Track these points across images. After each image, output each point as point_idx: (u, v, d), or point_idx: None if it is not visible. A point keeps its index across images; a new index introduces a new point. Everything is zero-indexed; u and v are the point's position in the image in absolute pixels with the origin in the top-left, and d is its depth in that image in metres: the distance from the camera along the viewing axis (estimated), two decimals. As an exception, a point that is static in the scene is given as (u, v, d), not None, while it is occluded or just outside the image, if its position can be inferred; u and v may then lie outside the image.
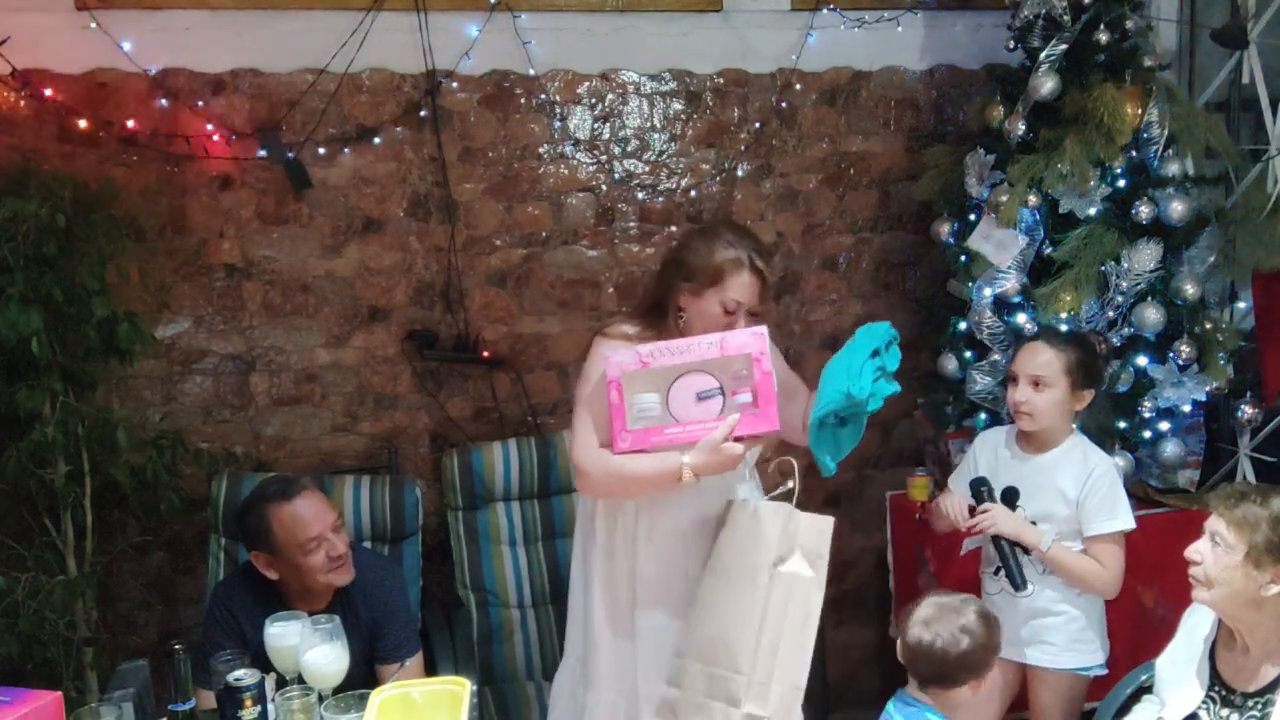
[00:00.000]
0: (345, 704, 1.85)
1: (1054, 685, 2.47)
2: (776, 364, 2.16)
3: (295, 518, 2.28)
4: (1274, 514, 1.91)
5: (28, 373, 2.67)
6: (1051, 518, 2.41)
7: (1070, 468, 2.42)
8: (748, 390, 2.02)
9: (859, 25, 3.34)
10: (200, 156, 3.03)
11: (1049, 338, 2.48)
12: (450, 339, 3.25)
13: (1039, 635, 2.45)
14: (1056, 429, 2.45)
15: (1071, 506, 2.40)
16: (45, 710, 1.61)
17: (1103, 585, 2.40)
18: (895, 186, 3.48)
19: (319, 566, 2.28)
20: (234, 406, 3.17)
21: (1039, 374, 2.41)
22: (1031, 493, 2.44)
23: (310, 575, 2.29)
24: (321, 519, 2.30)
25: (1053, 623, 2.44)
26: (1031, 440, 2.48)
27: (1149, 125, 2.88)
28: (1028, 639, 2.45)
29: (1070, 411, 2.45)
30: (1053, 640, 2.45)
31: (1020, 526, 2.39)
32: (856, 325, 3.42)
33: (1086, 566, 2.39)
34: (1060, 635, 2.44)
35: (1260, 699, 1.95)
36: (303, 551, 2.27)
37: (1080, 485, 2.39)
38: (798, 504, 2.08)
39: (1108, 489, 2.39)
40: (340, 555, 2.31)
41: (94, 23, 2.90)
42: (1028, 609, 2.43)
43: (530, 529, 3.13)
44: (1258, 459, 3.10)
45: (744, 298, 2.13)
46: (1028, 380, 2.42)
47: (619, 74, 3.28)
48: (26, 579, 2.66)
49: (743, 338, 2.04)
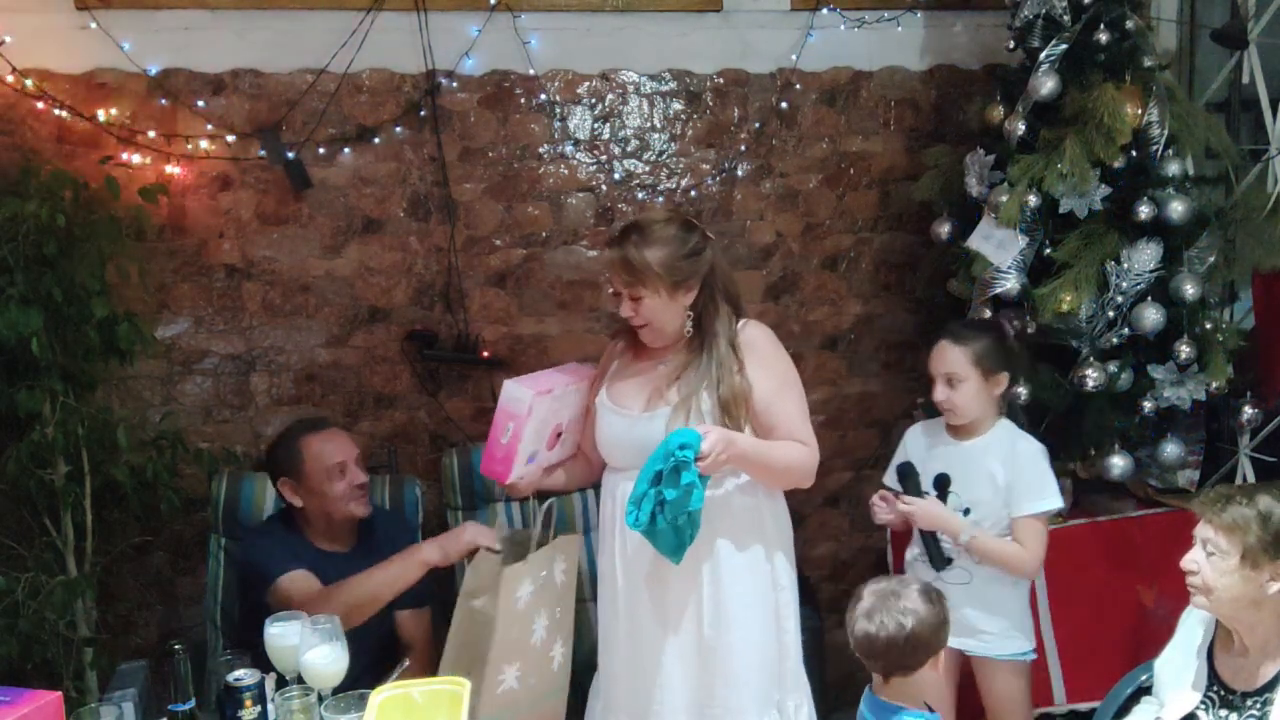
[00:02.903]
0: (345, 704, 1.85)
1: (1003, 671, 2.53)
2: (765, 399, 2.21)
3: (323, 446, 2.50)
4: (1262, 512, 1.91)
5: (28, 373, 2.67)
6: (981, 502, 2.48)
7: (999, 452, 2.50)
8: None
9: (859, 25, 3.34)
10: (200, 156, 3.03)
11: (952, 335, 2.55)
12: (450, 339, 3.25)
13: (977, 624, 2.51)
14: (981, 417, 2.53)
15: (1001, 490, 2.47)
16: (45, 710, 1.61)
17: (1023, 565, 2.47)
18: (895, 186, 3.48)
19: (342, 494, 2.49)
20: (234, 406, 3.17)
21: (950, 371, 2.49)
22: (962, 478, 2.51)
23: (333, 502, 2.49)
24: (345, 450, 2.52)
25: (987, 612, 2.51)
26: (959, 429, 2.56)
27: (1149, 125, 2.88)
28: (966, 630, 2.49)
29: (990, 398, 2.53)
30: (990, 629, 2.51)
31: (941, 519, 2.46)
32: (856, 325, 3.52)
33: (1006, 550, 2.46)
34: (997, 623, 2.51)
35: (1259, 698, 1.95)
36: (328, 477, 2.48)
37: (1009, 468, 2.47)
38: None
39: (1035, 471, 2.48)
40: (361, 484, 2.52)
41: (94, 23, 2.90)
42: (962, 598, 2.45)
43: (530, 529, 3.12)
44: (1258, 459, 3.10)
45: (614, 281, 2.22)
46: (942, 379, 2.50)
47: (619, 74, 3.28)
48: (26, 579, 2.65)
49: (515, 392, 2.19)
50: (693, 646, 2.21)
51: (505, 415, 2.19)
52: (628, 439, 2.22)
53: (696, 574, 2.19)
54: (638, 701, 2.25)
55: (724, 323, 2.22)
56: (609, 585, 2.30)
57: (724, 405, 2.15)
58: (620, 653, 2.29)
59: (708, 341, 2.20)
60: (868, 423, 3.59)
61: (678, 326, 2.21)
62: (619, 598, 2.27)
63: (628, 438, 2.22)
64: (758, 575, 2.24)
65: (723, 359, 2.17)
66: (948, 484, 2.52)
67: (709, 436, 2.01)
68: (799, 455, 2.22)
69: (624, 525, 2.13)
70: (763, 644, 2.24)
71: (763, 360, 2.22)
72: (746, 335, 2.24)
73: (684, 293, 2.19)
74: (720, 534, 2.20)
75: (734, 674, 2.20)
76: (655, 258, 2.14)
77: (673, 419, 2.14)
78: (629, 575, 2.24)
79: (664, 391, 2.20)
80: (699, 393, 2.15)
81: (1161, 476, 3.05)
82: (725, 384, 2.15)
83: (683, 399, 2.16)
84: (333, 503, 2.50)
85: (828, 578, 3.60)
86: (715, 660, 2.20)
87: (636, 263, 2.14)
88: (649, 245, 2.15)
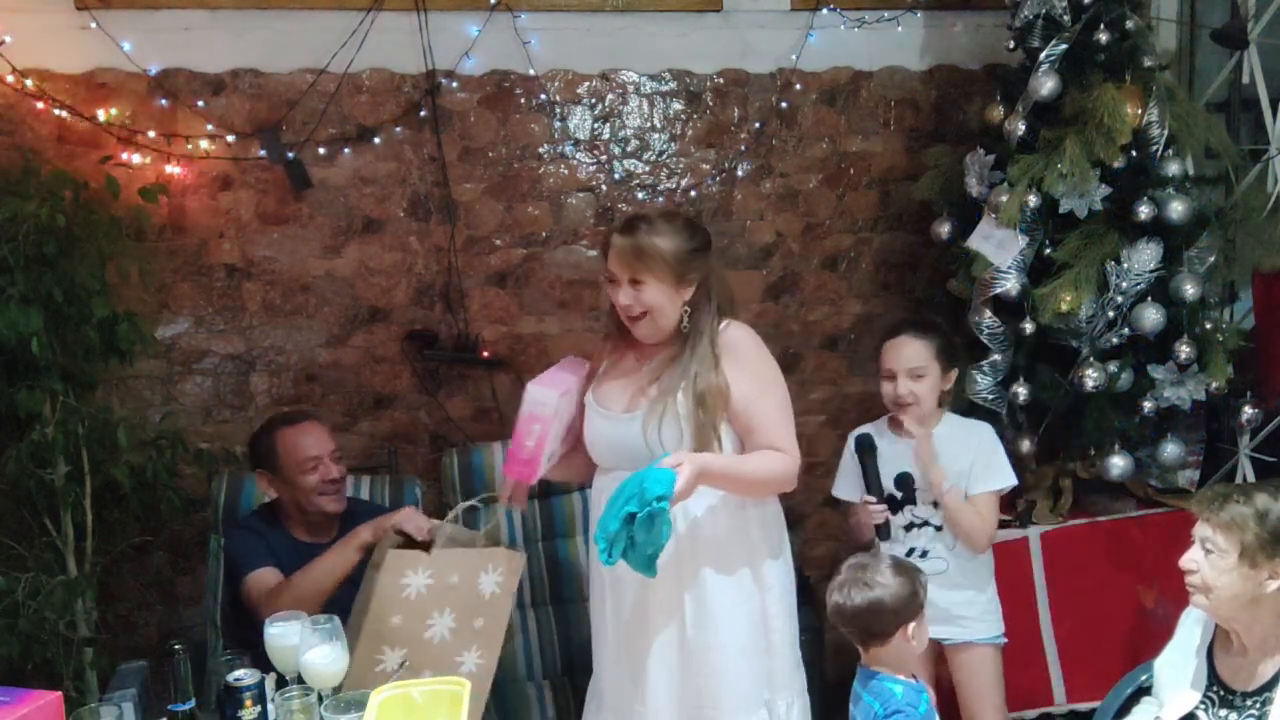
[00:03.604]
0: (345, 704, 1.85)
1: (978, 657, 2.55)
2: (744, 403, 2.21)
3: (298, 439, 2.50)
4: (1259, 510, 1.91)
5: (28, 373, 2.67)
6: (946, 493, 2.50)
7: (957, 439, 2.53)
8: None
9: (859, 25, 3.34)
10: (200, 156, 3.03)
11: (912, 329, 2.56)
12: (450, 339, 3.25)
13: (953, 611, 2.52)
14: (931, 412, 2.55)
15: (963, 475, 2.51)
16: (45, 710, 1.61)
17: (982, 534, 2.51)
18: (895, 186, 3.48)
19: (313, 487, 2.49)
20: (234, 407, 3.17)
21: (915, 365, 2.50)
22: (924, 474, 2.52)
23: (305, 495, 2.50)
24: (320, 444, 2.52)
25: (965, 597, 2.53)
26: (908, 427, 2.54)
27: (1149, 125, 2.88)
28: (942, 618, 2.48)
29: (939, 393, 2.55)
30: (966, 614, 2.54)
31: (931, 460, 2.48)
32: (856, 325, 3.52)
33: (972, 516, 2.49)
34: (972, 609, 2.54)
35: (1258, 698, 1.95)
36: (300, 470, 2.48)
37: (969, 451, 2.52)
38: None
39: (992, 452, 2.55)
40: (334, 480, 2.52)
41: (94, 23, 2.90)
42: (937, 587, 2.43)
43: (530, 529, 3.12)
44: (1258, 459, 3.10)
45: (613, 268, 2.20)
46: (905, 374, 2.50)
47: (619, 74, 3.28)
48: (26, 579, 2.65)
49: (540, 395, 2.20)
50: (676, 647, 2.22)
51: (531, 419, 2.19)
52: (609, 439, 2.25)
53: (679, 576, 2.20)
54: (625, 701, 2.26)
55: (709, 323, 2.24)
56: (597, 587, 2.33)
57: (699, 399, 2.16)
58: (609, 653, 2.31)
59: (691, 340, 2.21)
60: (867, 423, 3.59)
61: (674, 321, 2.22)
62: (606, 599, 2.29)
63: (609, 438, 2.25)
64: (741, 577, 2.25)
65: (702, 357, 2.19)
66: (911, 482, 2.54)
67: (681, 473, 2.01)
68: (775, 465, 2.20)
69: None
70: (749, 644, 2.24)
71: (743, 361, 2.22)
72: (728, 336, 2.24)
73: (685, 287, 2.20)
74: (702, 540, 2.21)
75: (719, 673, 2.21)
76: (666, 246, 2.17)
77: (647, 418, 2.16)
78: (615, 577, 2.24)
79: (645, 390, 2.22)
80: (675, 393, 2.17)
81: (1161, 476, 3.05)
82: (702, 379, 2.17)
83: (660, 396, 2.18)
84: (304, 496, 2.51)
85: (827, 578, 3.57)
86: (700, 660, 2.21)
87: (647, 248, 2.15)
88: (659, 234, 2.18)
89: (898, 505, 2.55)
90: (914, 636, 2.00)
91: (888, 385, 2.54)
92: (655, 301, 2.19)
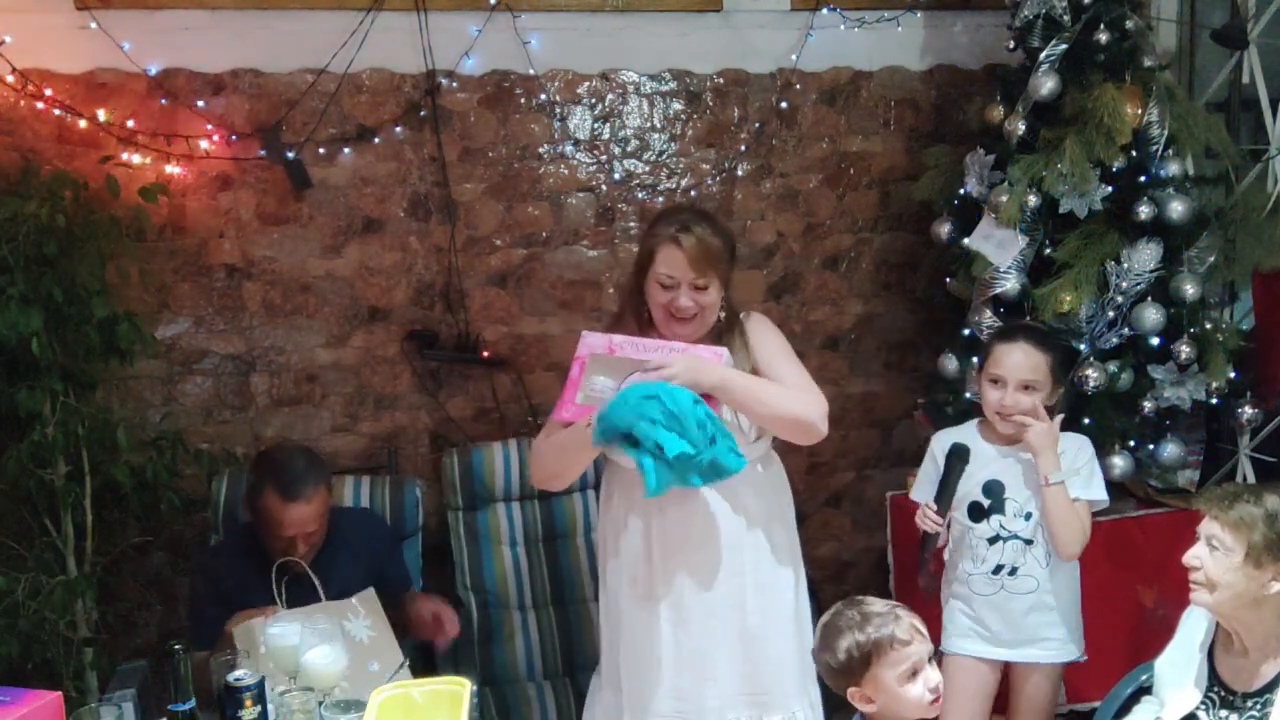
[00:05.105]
0: (345, 704, 1.85)
1: (1049, 677, 2.50)
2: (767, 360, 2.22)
3: (285, 515, 2.41)
4: (1269, 511, 1.91)
5: (28, 373, 2.66)
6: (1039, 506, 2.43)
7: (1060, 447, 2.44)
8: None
9: (859, 25, 3.34)
10: (200, 156, 3.03)
11: (1030, 338, 2.44)
12: (450, 339, 3.25)
13: (1040, 633, 2.46)
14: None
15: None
16: (45, 710, 1.61)
17: (1078, 538, 2.39)
18: (895, 186, 3.48)
19: (276, 550, 2.46)
20: (234, 407, 3.17)
21: (1030, 379, 2.39)
22: (1021, 485, 2.45)
23: (271, 550, 2.47)
24: (299, 527, 2.42)
25: (1052, 618, 2.46)
26: (1008, 435, 2.46)
27: (1149, 125, 2.88)
28: (1027, 638, 2.46)
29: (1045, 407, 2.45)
30: (1054, 635, 2.47)
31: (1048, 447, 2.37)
32: (857, 325, 3.52)
33: (1075, 516, 2.38)
34: (1060, 630, 2.47)
35: (1259, 699, 1.95)
36: (272, 536, 2.45)
37: (1071, 461, 2.43)
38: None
39: (1093, 462, 2.46)
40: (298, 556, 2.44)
41: (94, 23, 2.90)
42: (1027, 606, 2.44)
43: (531, 530, 3.13)
44: (1258, 459, 3.10)
45: (673, 270, 2.14)
46: (1016, 385, 2.39)
47: (619, 74, 3.28)
48: (26, 579, 2.65)
49: (704, 354, 2.10)
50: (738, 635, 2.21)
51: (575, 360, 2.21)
52: None
53: (739, 565, 2.20)
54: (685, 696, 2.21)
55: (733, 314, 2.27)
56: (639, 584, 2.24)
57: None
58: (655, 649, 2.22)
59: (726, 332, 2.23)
60: (870, 423, 3.59)
61: (715, 319, 2.23)
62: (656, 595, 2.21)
63: None
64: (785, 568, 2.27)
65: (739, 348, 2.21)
66: (1002, 490, 2.44)
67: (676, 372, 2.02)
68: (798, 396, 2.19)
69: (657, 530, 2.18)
70: (795, 631, 2.27)
71: (764, 334, 2.27)
72: (753, 321, 2.31)
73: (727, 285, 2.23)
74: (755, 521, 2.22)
75: (778, 660, 2.23)
76: (724, 245, 2.18)
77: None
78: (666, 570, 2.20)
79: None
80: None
81: (1161, 476, 3.05)
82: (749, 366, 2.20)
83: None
84: (270, 550, 2.46)
85: (830, 578, 3.60)
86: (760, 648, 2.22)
87: (715, 250, 2.14)
88: (718, 235, 2.17)
89: (984, 514, 2.46)
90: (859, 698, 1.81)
91: (993, 391, 2.41)
92: (713, 301, 2.18)
